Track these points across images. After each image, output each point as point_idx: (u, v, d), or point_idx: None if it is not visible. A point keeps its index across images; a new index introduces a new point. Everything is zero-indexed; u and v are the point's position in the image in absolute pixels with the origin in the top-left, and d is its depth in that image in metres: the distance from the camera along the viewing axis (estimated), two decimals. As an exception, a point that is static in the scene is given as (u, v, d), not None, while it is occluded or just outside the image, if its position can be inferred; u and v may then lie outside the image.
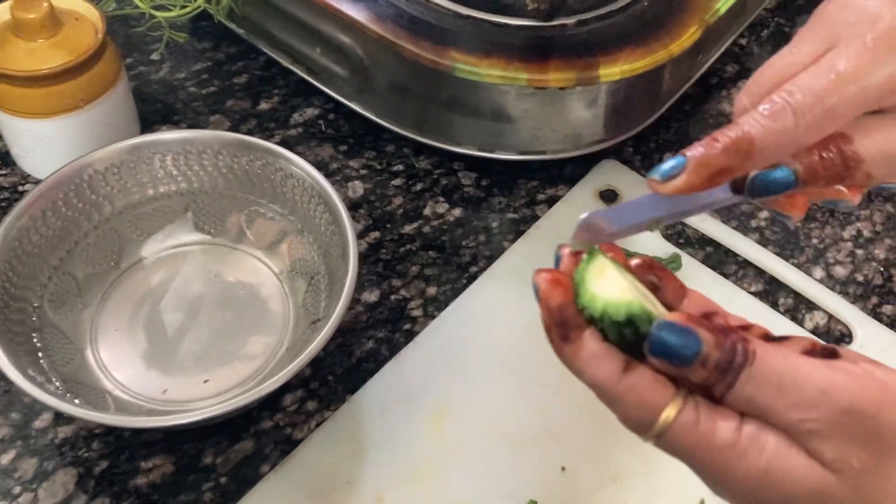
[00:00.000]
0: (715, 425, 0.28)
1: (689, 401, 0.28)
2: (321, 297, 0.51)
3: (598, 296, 0.29)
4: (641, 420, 0.29)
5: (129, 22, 0.70)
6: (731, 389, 0.27)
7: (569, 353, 0.29)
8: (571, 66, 0.55)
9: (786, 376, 0.27)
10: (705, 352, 0.27)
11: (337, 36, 0.60)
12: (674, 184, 0.30)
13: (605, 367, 0.29)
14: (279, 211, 0.54)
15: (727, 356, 0.27)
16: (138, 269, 0.54)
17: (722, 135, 0.30)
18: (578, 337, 0.29)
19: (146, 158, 0.53)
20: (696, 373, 0.27)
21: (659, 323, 0.28)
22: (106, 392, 0.49)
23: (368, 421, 0.49)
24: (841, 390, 0.27)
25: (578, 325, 0.29)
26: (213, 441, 0.49)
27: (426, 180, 0.62)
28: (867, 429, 0.26)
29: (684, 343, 0.27)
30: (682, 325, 0.28)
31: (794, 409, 0.27)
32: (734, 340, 0.27)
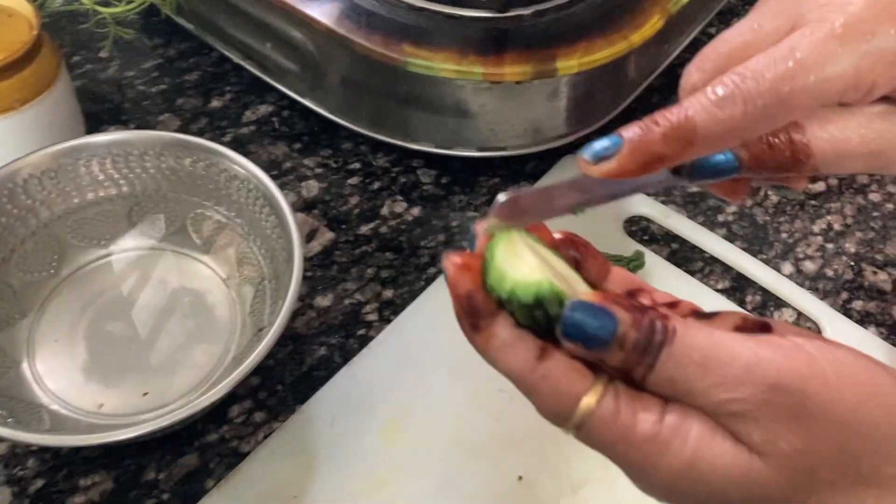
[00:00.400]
0: (635, 417, 0.26)
1: (608, 390, 0.26)
2: (267, 303, 0.49)
3: (506, 276, 0.27)
4: (558, 410, 0.27)
5: (77, 18, 0.68)
6: (652, 371, 0.25)
7: (480, 342, 0.27)
8: (528, 58, 0.53)
9: (709, 354, 0.25)
10: (622, 332, 0.25)
11: (287, 30, 0.58)
12: (605, 167, 0.27)
13: (517, 355, 0.27)
14: (225, 213, 0.52)
15: (645, 335, 0.25)
16: (79, 276, 0.52)
17: (663, 118, 0.27)
18: (489, 325, 0.27)
19: (85, 161, 0.51)
20: (613, 355, 0.26)
21: (571, 303, 0.26)
22: (42, 407, 0.46)
23: (319, 432, 0.47)
24: (767, 365, 0.25)
25: (489, 311, 0.27)
26: (156, 455, 0.47)
27: (384, 179, 0.60)
28: (794, 405, 0.25)
29: (599, 324, 0.25)
30: (597, 305, 0.26)
31: (719, 388, 0.25)
32: (652, 318, 0.26)
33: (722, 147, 0.28)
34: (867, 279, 0.56)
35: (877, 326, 0.54)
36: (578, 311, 0.26)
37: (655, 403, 0.26)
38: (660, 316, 0.26)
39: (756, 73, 0.26)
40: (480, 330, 0.27)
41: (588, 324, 0.26)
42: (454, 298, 0.27)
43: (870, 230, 0.59)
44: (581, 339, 0.26)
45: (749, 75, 0.26)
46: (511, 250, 0.27)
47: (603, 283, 0.31)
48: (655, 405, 0.26)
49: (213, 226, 0.53)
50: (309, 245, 0.56)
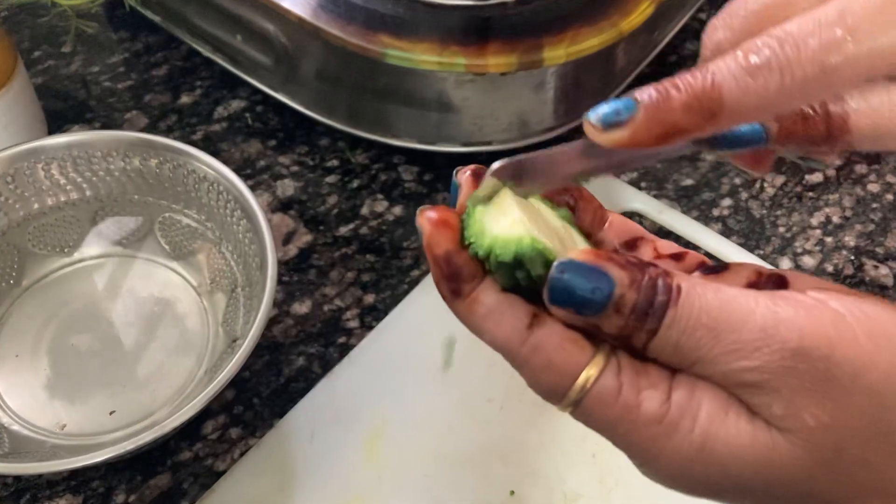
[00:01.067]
0: (640, 395, 0.23)
1: (610, 362, 0.23)
2: (240, 313, 0.46)
3: (485, 231, 0.24)
4: (552, 386, 0.23)
5: (37, 11, 0.64)
6: (655, 337, 0.23)
7: (462, 309, 0.24)
8: (513, 48, 0.50)
9: (719, 316, 0.22)
10: (619, 294, 0.22)
11: (258, 22, 0.54)
12: (615, 135, 0.23)
13: (505, 323, 0.24)
14: (195, 217, 0.49)
15: (646, 296, 0.22)
16: (41, 286, 0.49)
17: (685, 82, 0.22)
18: (473, 289, 0.24)
19: (44, 164, 0.48)
20: (610, 321, 0.23)
21: (559, 263, 0.23)
22: (1, 427, 0.43)
23: (297, 448, 0.45)
24: (787, 328, 0.22)
25: (471, 274, 0.24)
26: (126, 476, 0.44)
27: (363, 176, 0.57)
28: (820, 372, 0.22)
29: (592, 286, 0.22)
30: (589, 264, 0.23)
31: (732, 355, 0.22)
32: (653, 276, 0.23)
33: (750, 121, 0.24)
34: (868, 274, 0.54)
35: None
36: (567, 271, 0.23)
37: (662, 378, 0.23)
38: (662, 273, 0.23)
39: (798, 39, 0.22)
40: (462, 296, 0.24)
41: (578, 286, 0.23)
42: (431, 260, 0.24)
43: (869, 223, 0.57)
44: (571, 305, 0.23)
45: (789, 41, 0.22)
46: (495, 202, 0.24)
47: (599, 231, 0.28)
48: (662, 380, 0.23)
49: (183, 230, 0.50)
50: (285, 248, 0.53)
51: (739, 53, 0.22)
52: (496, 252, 0.23)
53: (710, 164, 0.59)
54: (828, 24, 0.21)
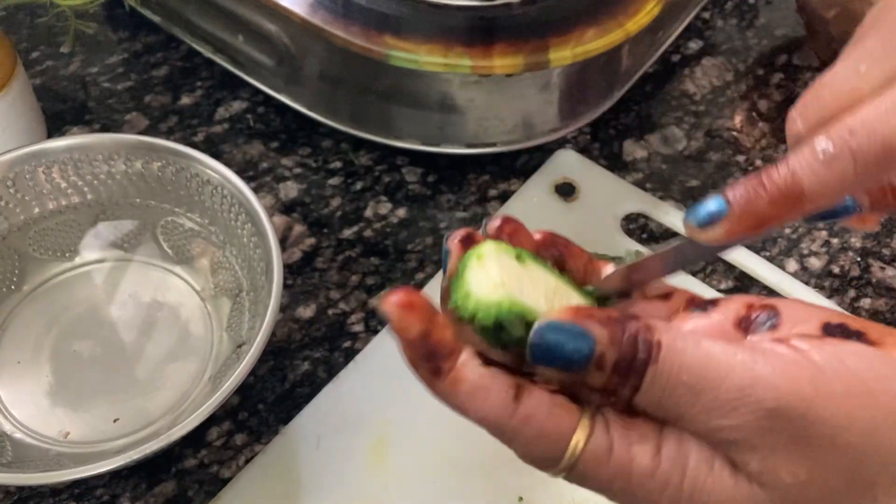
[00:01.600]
0: (631, 451, 0.23)
1: (597, 422, 0.23)
2: (245, 317, 0.46)
3: (471, 294, 0.24)
4: (545, 455, 0.24)
5: (36, 12, 0.64)
6: (638, 392, 0.23)
7: (445, 389, 0.24)
8: (518, 49, 0.50)
9: (699, 373, 0.22)
10: (599, 352, 0.23)
11: (260, 22, 0.54)
12: (713, 233, 0.24)
13: (491, 399, 0.24)
14: (198, 221, 0.49)
15: (626, 354, 0.23)
16: (42, 291, 0.49)
17: (770, 180, 0.24)
18: (452, 367, 0.24)
19: (45, 168, 0.47)
20: (592, 378, 0.23)
21: (538, 326, 0.23)
22: (4, 436, 0.43)
23: (303, 454, 0.44)
24: (763, 387, 0.22)
25: (450, 350, 0.24)
26: (130, 484, 0.44)
27: (367, 178, 0.57)
28: (797, 431, 0.22)
29: (573, 345, 0.23)
30: (568, 324, 0.23)
31: (712, 414, 0.22)
32: (633, 333, 0.23)
33: (831, 204, 0.25)
34: (875, 275, 0.54)
35: (886, 325, 0.52)
36: (548, 332, 0.23)
37: (650, 432, 0.23)
38: (643, 328, 0.23)
39: (867, 127, 0.23)
40: (443, 374, 0.24)
41: (559, 346, 0.23)
42: (405, 345, 0.23)
43: (875, 223, 0.57)
44: (553, 364, 0.23)
45: (859, 129, 0.23)
46: (479, 264, 0.25)
47: (591, 282, 0.28)
48: (651, 434, 0.23)
49: (186, 234, 0.49)
50: (288, 251, 0.53)
51: (816, 145, 0.23)
52: (479, 316, 0.24)
53: (715, 166, 0.59)
54: (894, 109, 0.23)
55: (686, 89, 0.63)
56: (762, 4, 0.69)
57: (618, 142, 0.60)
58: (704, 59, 0.65)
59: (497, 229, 0.27)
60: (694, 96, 0.62)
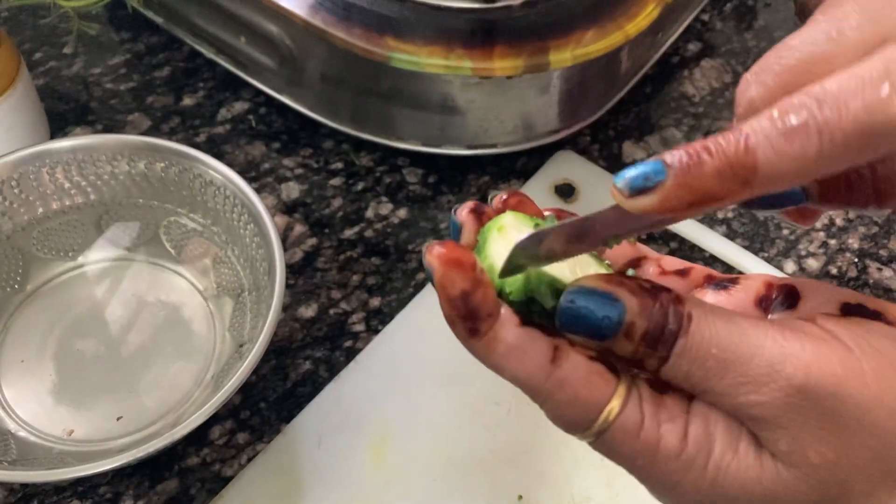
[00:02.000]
0: (659, 430, 0.23)
1: (632, 394, 0.23)
2: (248, 317, 0.46)
3: (496, 266, 0.24)
4: (577, 419, 0.23)
5: (38, 12, 0.64)
6: (666, 364, 0.23)
7: (481, 348, 0.23)
8: (519, 52, 0.50)
9: (728, 347, 0.22)
10: (629, 321, 0.22)
11: (262, 24, 0.54)
12: (643, 202, 0.21)
13: (528, 361, 0.23)
14: (201, 221, 0.49)
15: (656, 324, 0.22)
16: (46, 290, 0.49)
17: (717, 146, 0.20)
18: (490, 327, 0.23)
19: (49, 168, 0.48)
20: (620, 346, 0.23)
21: (568, 292, 0.23)
22: (8, 434, 0.43)
23: (305, 453, 0.45)
24: (794, 363, 0.22)
25: (489, 312, 0.23)
26: (133, 482, 0.44)
27: (368, 179, 0.57)
28: (826, 410, 0.22)
29: (603, 312, 0.22)
30: (600, 290, 0.22)
31: (740, 388, 0.22)
32: (664, 303, 0.22)
33: (787, 187, 0.22)
34: (872, 276, 0.55)
35: (883, 326, 0.52)
36: (578, 298, 0.23)
37: (680, 409, 0.23)
38: (674, 299, 0.22)
39: (838, 99, 0.20)
40: (481, 334, 0.23)
41: (589, 312, 0.22)
42: (445, 301, 0.23)
43: (873, 225, 0.57)
44: (582, 331, 0.23)
45: (829, 101, 0.20)
46: (502, 237, 0.24)
47: (600, 256, 0.28)
48: (680, 412, 0.23)
49: (189, 234, 0.50)
50: (290, 251, 0.53)
51: (775, 113, 0.20)
52: (507, 290, 0.24)
53: (714, 166, 0.59)
54: (872, 81, 0.19)
55: (685, 91, 0.63)
56: (761, 6, 0.70)
57: (617, 143, 0.60)
58: (703, 60, 0.65)
59: (504, 202, 0.26)
60: (693, 98, 0.63)
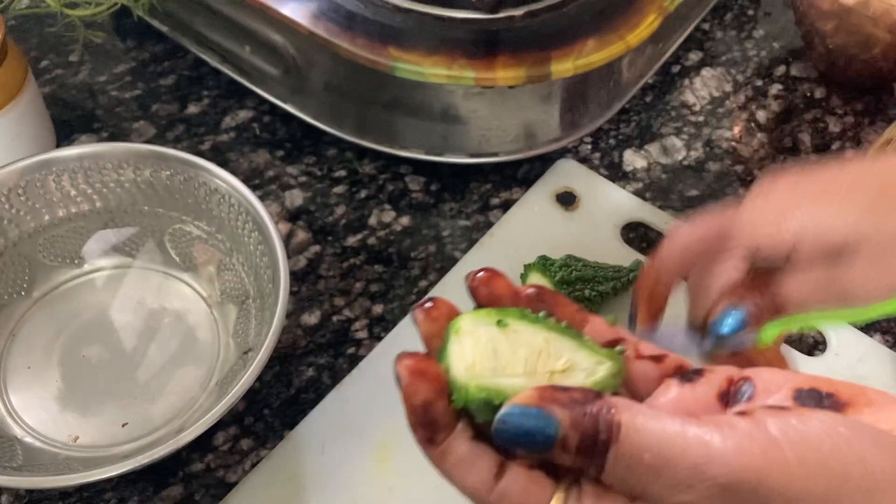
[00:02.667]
0: None
1: (570, 495, 0.24)
2: (252, 324, 0.46)
3: (449, 370, 0.25)
4: None
5: (45, 21, 0.65)
6: (603, 472, 0.23)
7: (435, 457, 0.26)
8: (520, 62, 0.51)
9: (659, 452, 0.23)
10: (562, 434, 0.23)
11: (266, 33, 0.55)
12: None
13: (473, 474, 0.25)
14: (205, 229, 0.50)
15: (589, 434, 0.23)
16: (52, 297, 0.49)
17: None
18: (445, 438, 0.25)
19: (55, 176, 0.48)
20: (559, 457, 0.24)
21: (504, 412, 0.24)
22: (14, 440, 0.44)
23: (308, 459, 0.45)
24: (717, 463, 0.22)
25: (446, 424, 0.25)
26: (138, 488, 0.45)
27: (371, 186, 0.58)
28: (754, 501, 0.22)
29: (537, 428, 0.23)
30: (532, 408, 0.23)
31: (672, 490, 0.23)
32: (595, 415, 0.23)
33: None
34: (871, 285, 0.55)
35: (882, 334, 0.52)
36: (511, 416, 0.23)
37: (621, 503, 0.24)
38: (605, 407, 0.23)
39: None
40: (435, 444, 0.25)
41: (523, 429, 0.23)
42: (409, 409, 0.25)
43: (872, 233, 0.57)
44: (520, 447, 0.24)
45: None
46: (457, 340, 0.25)
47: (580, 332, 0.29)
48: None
49: (193, 242, 0.50)
50: (293, 259, 0.54)
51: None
52: (453, 397, 0.25)
53: (714, 176, 0.60)
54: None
55: (686, 100, 0.64)
56: (761, 16, 0.70)
57: (618, 152, 0.61)
58: (704, 70, 0.66)
59: (474, 290, 0.28)
60: (693, 107, 0.63)
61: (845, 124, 0.64)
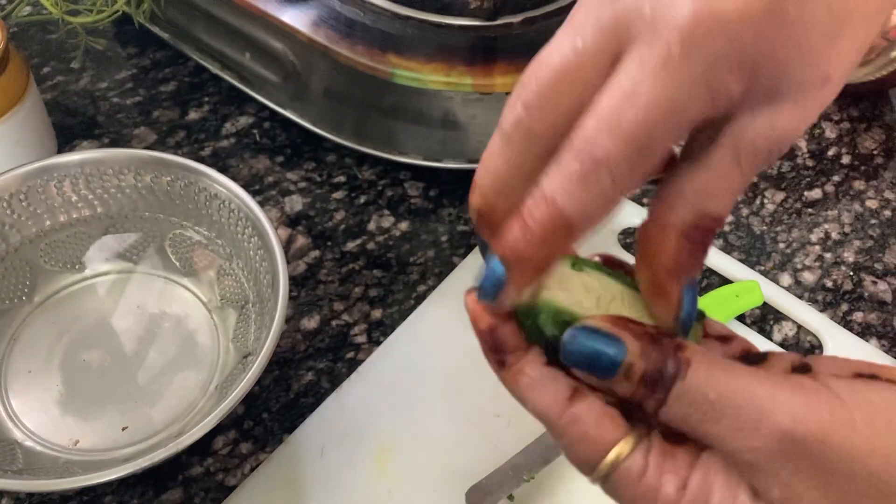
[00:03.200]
0: (661, 478, 0.24)
1: (641, 442, 0.24)
2: (251, 329, 0.47)
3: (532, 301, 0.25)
4: (586, 457, 0.25)
5: (47, 28, 0.65)
6: (664, 406, 0.23)
7: (507, 379, 0.26)
8: (519, 68, 0.51)
9: (724, 394, 0.23)
10: (629, 361, 0.23)
11: (266, 40, 0.55)
12: (505, 300, 0.24)
13: (546, 395, 0.25)
14: (205, 234, 0.50)
15: (655, 367, 0.23)
16: (53, 302, 0.50)
17: (532, 218, 0.23)
18: (517, 360, 0.25)
19: (57, 182, 0.48)
20: (620, 385, 0.24)
21: (575, 327, 0.24)
22: (15, 444, 0.44)
23: (307, 463, 0.45)
24: (782, 410, 0.22)
25: (515, 346, 0.25)
26: (138, 491, 0.45)
27: (370, 192, 0.58)
28: (815, 457, 0.22)
29: (604, 351, 0.24)
30: (605, 330, 0.24)
31: (734, 434, 0.23)
32: (665, 348, 0.24)
33: (601, 220, 0.24)
34: (867, 289, 0.55)
35: (878, 339, 0.53)
36: (581, 334, 0.24)
37: (685, 464, 0.24)
38: (675, 346, 0.24)
39: (607, 129, 0.22)
40: (508, 366, 0.26)
41: (590, 349, 0.24)
42: (477, 334, 0.26)
43: (868, 238, 0.58)
44: (583, 365, 0.24)
45: (603, 137, 0.22)
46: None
47: None
48: (685, 466, 0.24)
49: (193, 247, 0.50)
50: (293, 264, 0.54)
51: (564, 164, 0.22)
52: (520, 315, 0.25)
53: (711, 181, 0.60)
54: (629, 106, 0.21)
55: (683, 106, 0.64)
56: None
57: (616, 157, 0.61)
58: (701, 76, 0.66)
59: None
60: (690, 113, 0.64)
61: (841, 130, 0.64)
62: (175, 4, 0.59)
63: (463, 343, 0.50)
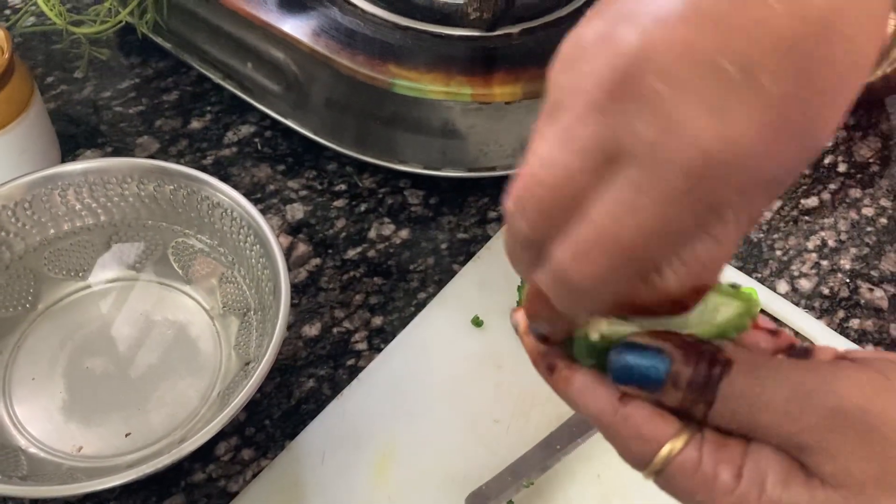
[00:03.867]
0: (717, 468, 0.25)
1: (694, 438, 0.25)
2: (253, 336, 0.47)
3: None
4: (640, 454, 0.26)
5: (51, 38, 0.66)
6: (713, 407, 0.25)
7: (557, 382, 0.27)
8: (517, 78, 0.52)
9: (769, 384, 0.24)
10: (675, 370, 0.25)
11: (268, 50, 0.56)
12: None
13: (599, 397, 0.26)
14: (208, 242, 0.50)
15: (700, 370, 0.24)
16: (57, 310, 0.50)
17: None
18: (567, 366, 0.27)
19: (61, 190, 0.49)
20: (669, 395, 0.25)
21: (618, 347, 0.25)
22: (19, 450, 0.44)
23: (309, 469, 0.46)
24: (827, 389, 0.24)
25: (562, 355, 0.27)
26: (140, 497, 0.45)
27: (370, 200, 0.59)
28: (861, 428, 0.23)
29: (650, 364, 0.25)
30: (646, 344, 0.25)
31: (784, 420, 0.24)
32: (706, 352, 0.25)
33: None
34: (863, 296, 0.56)
35: (874, 345, 0.53)
36: (627, 352, 0.25)
37: (738, 453, 0.25)
38: (714, 349, 0.25)
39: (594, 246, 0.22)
40: (557, 370, 0.27)
41: (637, 365, 0.25)
42: (526, 348, 0.28)
43: (864, 246, 0.58)
44: (633, 382, 0.25)
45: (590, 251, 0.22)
46: None
47: None
48: (737, 455, 0.25)
49: (196, 255, 0.51)
50: (294, 271, 0.54)
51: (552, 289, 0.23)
52: (578, 347, 0.27)
53: (708, 189, 0.60)
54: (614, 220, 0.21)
55: (680, 115, 0.65)
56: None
57: (614, 166, 0.61)
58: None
59: None
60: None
61: (838, 138, 0.65)
62: (178, 15, 0.60)
63: (462, 350, 0.50)
